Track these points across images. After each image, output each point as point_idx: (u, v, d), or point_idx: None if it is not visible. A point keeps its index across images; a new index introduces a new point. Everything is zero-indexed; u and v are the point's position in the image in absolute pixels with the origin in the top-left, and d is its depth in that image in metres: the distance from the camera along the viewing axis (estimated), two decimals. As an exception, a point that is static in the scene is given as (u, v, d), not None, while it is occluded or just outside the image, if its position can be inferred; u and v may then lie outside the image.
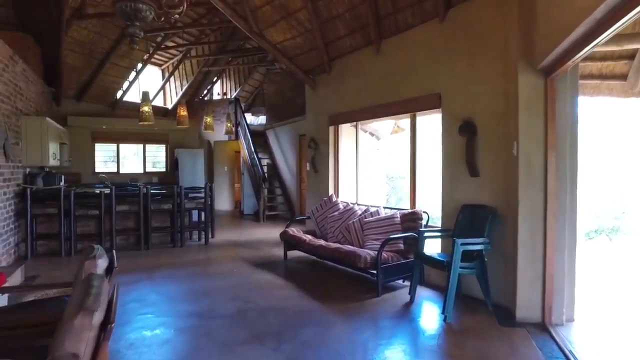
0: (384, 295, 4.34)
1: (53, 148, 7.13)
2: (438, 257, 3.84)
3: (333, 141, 7.06)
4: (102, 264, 2.49)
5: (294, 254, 6.05)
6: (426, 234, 4.22)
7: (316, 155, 7.40)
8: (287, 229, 6.03)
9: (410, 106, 5.16)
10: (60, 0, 7.16)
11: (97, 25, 8.35)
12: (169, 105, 12.52)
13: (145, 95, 7.35)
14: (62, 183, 7.71)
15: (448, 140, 4.59)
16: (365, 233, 5.02)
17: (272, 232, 8.40)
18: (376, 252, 4.38)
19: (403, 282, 4.74)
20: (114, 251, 2.99)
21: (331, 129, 7.03)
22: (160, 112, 11.91)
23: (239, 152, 12.09)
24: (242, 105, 14.11)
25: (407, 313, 3.92)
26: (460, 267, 3.63)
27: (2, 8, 8.03)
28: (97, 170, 10.04)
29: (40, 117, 6.82)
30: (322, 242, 5.32)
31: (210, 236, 7.69)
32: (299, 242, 5.60)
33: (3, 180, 5.63)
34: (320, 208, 6.22)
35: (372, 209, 5.35)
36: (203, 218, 7.37)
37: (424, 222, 4.81)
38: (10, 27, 8.04)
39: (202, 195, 7.27)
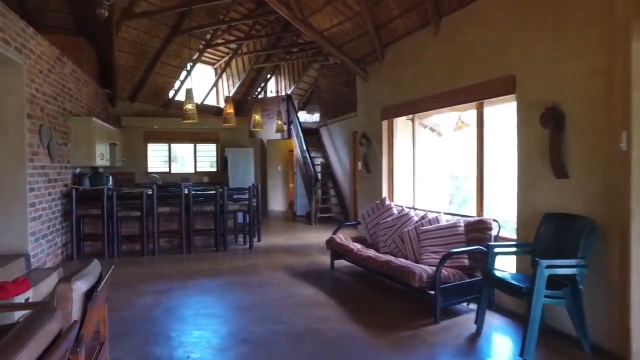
0: (444, 321, 3.58)
1: (101, 148, 7.10)
2: (514, 282, 3.01)
3: (387, 137, 6.33)
4: (81, 286, 2.04)
5: (342, 263, 5.43)
6: (497, 250, 3.39)
7: (368, 153, 6.72)
8: (333, 236, 5.42)
9: (476, 93, 4.32)
10: (110, 1, 7.12)
11: (146, 25, 8.28)
12: (222, 104, 12.41)
13: (188, 92, 7.09)
14: (110, 183, 7.70)
15: (525, 133, 3.71)
16: (422, 244, 4.27)
17: (322, 237, 7.83)
18: (434, 269, 3.64)
19: (467, 305, 3.94)
20: (112, 267, 2.55)
21: (384, 123, 6.30)
22: (213, 111, 11.83)
23: (293, 151, 11.68)
24: (297, 103, 13.74)
25: (473, 349, 3.14)
26: (545, 296, 2.80)
27: (61, 14, 8.22)
28: (149, 170, 10.09)
29: (87, 117, 6.79)
30: (371, 252, 4.64)
31: (256, 240, 7.31)
32: (346, 251, 4.96)
33: (48, 180, 5.58)
34: (371, 213, 5.54)
35: (431, 215, 4.57)
36: (252, 220, 6.97)
37: (493, 233, 3.97)
38: (68, 32, 8.21)
39: (247, 196, 6.86)
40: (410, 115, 5.89)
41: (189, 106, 6.97)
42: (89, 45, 8.09)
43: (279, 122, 10.11)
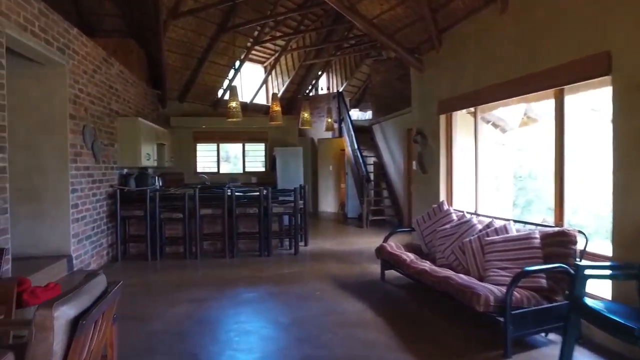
0: (517, 356, 2.93)
1: (147, 149, 7.05)
2: (618, 318, 2.31)
3: (445, 133, 5.66)
4: (66, 312, 1.70)
5: (394, 273, 4.86)
6: (590, 271, 2.68)
7: (424, 152, 6.08)
8: (384, 244, 4.88)
9: (555, 78, 3.59)
10: (157, 1, 7.06)
11: (192, 23, 8.18)
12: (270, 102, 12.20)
13: (232, 90, 6.86)
14: (158, 184, 7.66)
15: (626, 125, 2.95)
16: (487, 257, 3.61)
17: (373, 242, 7.28)
18: (503, 290, 3.00)
19: (545, 336, 3.24)
20: (120, 283, 2.21)
21: (442, 118, 5.64)
22: (262, 110, 11.64)
23: (344, 150, 11.20)
24: (349, 100, 13.25)
25: (556, 397, 2.49)
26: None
27: (114, 18, 8.35)
28: (198, 170, 10.07)
29: (133, 117, 6.74)
30: (426, 265, 4.04)
31: (302, 244, 6.92)
32: (398, 262, 4.40)
33: (92, 181, 5.54)
34: (427, 218, 4.92)
35: (498, 224, 3.90)
36: (297, 223, 6.59)
37: (578, 248, 3.24)
38: (120, 35, 8.32)
39: (292, 198, 6.47)
40: (472, 108, 5.19)
41: (233, 104, 6.74)
42: (138, 47, 8.14)
43: (329, 120, 9.68)
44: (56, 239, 4.85)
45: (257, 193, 6.27)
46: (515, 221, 3.97)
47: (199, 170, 10.06)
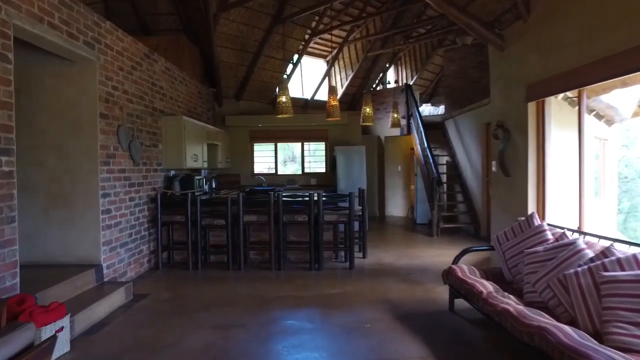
0: None
1: (195, 149, 6.64)
2: None
3: (535, 126, 4.48)
4: None
5: (466, 303, 3.83)
6: None
7: (506, 149, 4.92)
8: (454, 267, 3.86)
9: None
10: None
11: (245, 16, 7.69)
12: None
13: (282, 83, 6.19)
14: (207, 186, 7.25)
15: None
16: (607, 303, 2.47)
17: (443, 256, 6.21)
18: (639, 361, 1.91)
19: None
20: (45, 345, 1.57)
21: (531, 107, 4.47)
22: (325, 107, 10.91)
23: (413, 149, 10.12)
24: (420, 95, 12.09)
25: None
26: None
27: (169, 16, 8.14)
28: (255, 171, 9.61)
29: (177, 116, 6.36)
30: (510, 304, 2.98)
31: (360, 255, 6.08)
32: (471, 293, 3.38)
33: (130, 185, 5.18)
34: (511, 235, 3.82)
35: (620, 251, 2.73)
36: (352, 233, 5.75)
37: None
38: (175, 33, 8.10)
39: (347, 204, 5.64)
40: (573, 92, 3.97)
41: (283, 98, 6.08)
42: (190, 43, 7.83)
43: (395, 116, 8.67)
44: (86, 247, 4.51)
45: (307, 198, 5.53)
46: (645, 246, 2.78)
47: (256, 171, 9.61)
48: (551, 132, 4.39)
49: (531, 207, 4.34)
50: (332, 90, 6.94)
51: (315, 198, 5.46)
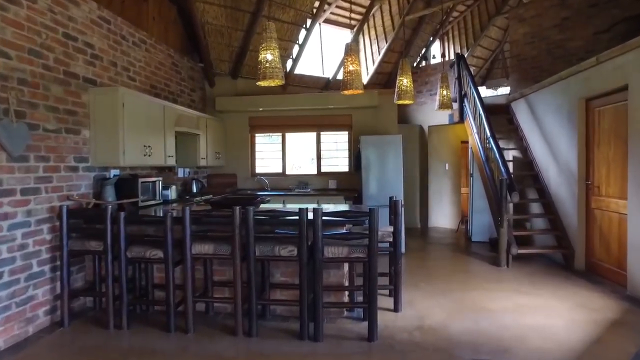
0: None
1: (148, 139, 4.54)
2: None
3: None
4: None
5: None
6: None
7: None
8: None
9: None
10: None
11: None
12: (364, 79, 9.09)
13: (267, 29, 3.93)
14: (171, 192, 5.14)
15: None
16: None
17: (533, 312, 3.77)
18: None
19: None
20: None
21: None
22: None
23: (467, 142, 7.62)
24: (472, 73, 9.49)
25: None
26: None
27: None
28: (257, 170, 7.43)
29: (111, 87, 4.26)
30: None
31: (391, 306, 3.77)
32: None
33: (3, 193, 3.12)
34: None
35: None
36: (374, 276, 3.40)
37: None
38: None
39: (367, 228, 3.29)
40: None
41: (268, 56, 3.86)
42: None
43: (444, 93, 6.21)
44: None
45: (296, 217, 3.22)
46: None
47: (258, 171, 7.43)
48: None
49: None
50: (349, 49, 4.59)
51: (311, 216, 3.16)
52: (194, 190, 6.24)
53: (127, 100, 4.17)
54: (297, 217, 3.19)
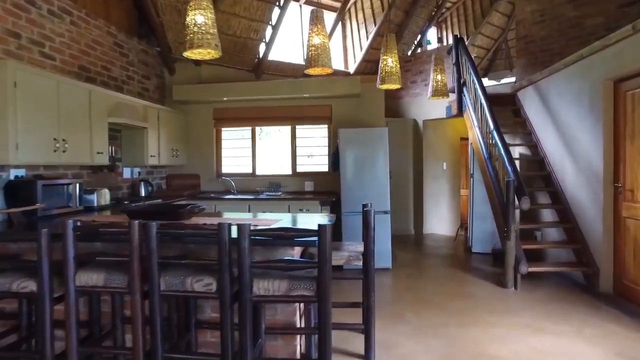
0: None
1: (63, 131, 3.57)
2: None
3: None
4: None
5: None
6: None
7: None
8: None
9: None
10: None
11: None
12: (351, 68, 8.11)
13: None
14: (93, 198, 4.17)
15: None
16: None
17: (551, 347, 2.78)
18: None
19: None
20: None
21: None
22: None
23: (467, 138, 6.65)
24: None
25: None
26: None
27: None
28: (224, 170, 6.45)
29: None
30: None
31: (365, 352, 2.80)
32: None
33: None
34: None
35: None
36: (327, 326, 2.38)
37: None
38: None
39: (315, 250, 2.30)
40: None
41: (197, 17, 2.90)
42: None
43: (439, 78, 5.22)
44: None
45: (214, 235, 2.23)
46: None
47: (225, 170, 6.45)
48: None
49: None
50: (315, 17, 3.61)
51: (235, 234, 2.17)
52: (142, 193, 5.27)
53: (21, 79, 3.21)
54: (215, 231, 2.20)
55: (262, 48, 6.63)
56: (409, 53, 8.80)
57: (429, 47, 9.28)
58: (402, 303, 3.96)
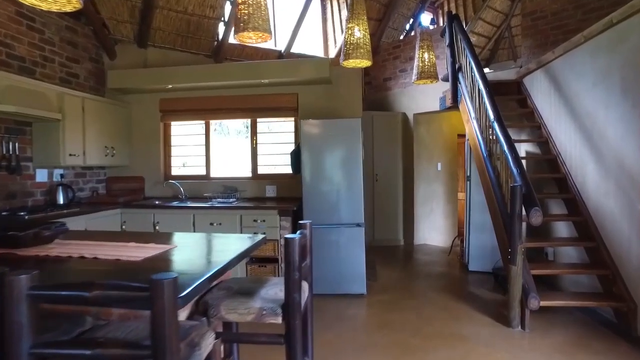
0: None
1: None
2: None
3: None
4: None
5: None
6: None
7: None
8: None
9: None
10: None
11: None
12: (332, 53, 7.09)
13: None
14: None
15: None
16: None
17: None
18: None
19: None
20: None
21: None
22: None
23: (465, 135, 5.59)
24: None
25: None
26: None
27: None
28: (174, 172, 5.43)
29: None
30: None
31: None
32: None
33: None
34: None
35: None
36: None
37: None
38: None
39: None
40: None
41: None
42: None
43: (425, 57, 4.18)
44: None
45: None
46: None
47: (174, 172, 5.43)
48: None
49: None
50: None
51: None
52: (61, 201, 4.26)
53: None
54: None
55: (221, 29, 5.63)
56: (400, 38, 7.76)
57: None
58: (369, 352, 2.92)
